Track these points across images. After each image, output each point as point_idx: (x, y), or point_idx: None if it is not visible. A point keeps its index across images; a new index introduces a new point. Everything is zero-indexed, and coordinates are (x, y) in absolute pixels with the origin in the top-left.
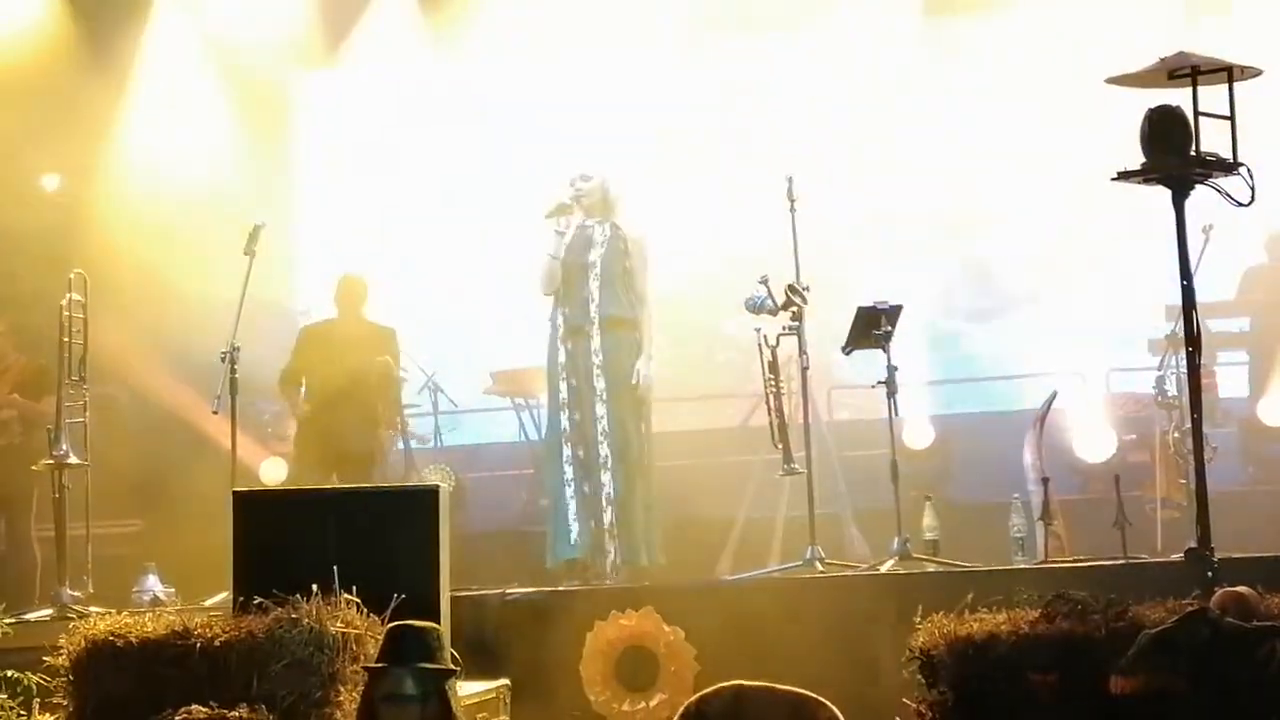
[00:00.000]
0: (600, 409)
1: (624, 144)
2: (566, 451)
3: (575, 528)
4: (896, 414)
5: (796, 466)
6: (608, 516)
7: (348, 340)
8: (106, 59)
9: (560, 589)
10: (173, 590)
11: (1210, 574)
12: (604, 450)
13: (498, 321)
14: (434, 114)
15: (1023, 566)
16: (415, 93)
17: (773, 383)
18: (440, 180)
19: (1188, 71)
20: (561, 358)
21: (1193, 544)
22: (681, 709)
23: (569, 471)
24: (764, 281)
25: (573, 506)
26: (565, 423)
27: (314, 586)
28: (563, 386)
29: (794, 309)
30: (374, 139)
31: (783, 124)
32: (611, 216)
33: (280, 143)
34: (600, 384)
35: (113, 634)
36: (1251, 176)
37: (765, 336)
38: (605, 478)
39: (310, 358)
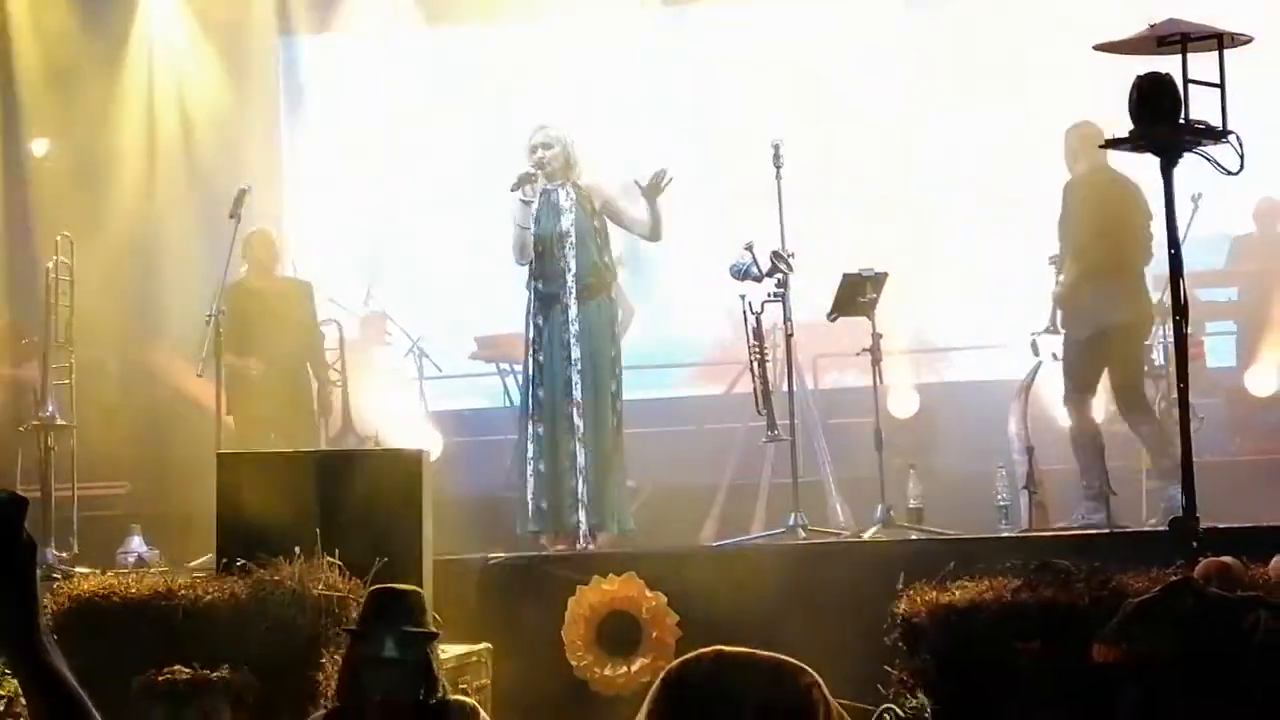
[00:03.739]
0: (575, 378)
1: (607, 106)
2: (530, 429)
3: (531, 505)
4: (881, 382)
5: (780, 433)
6: (579, 487)
7: (267, 297)
8: (96, 22)
9: (543, 553)
10: (157, 552)
11: (1195, 544)
12: (576, 420)
13: (482, 286)
14: (421, 79)
15: (1006, 535)
16: (402, 58)
17: (757, 349)
18: (426, 145)
19: (1177, 38)
20: (532, 333)
21: (1178, 514)
22: (662, 674)
23: (531, 450)
24: (749, 248)
25: (532, 484)
26: (532, 400)
27: (296, 549)
28: (531, 362)
29: (779, 276)
30: (361, 104)
31: (770, 88)
32: (572, 177)
33: (268, 107)
34: (576, 353)
35: (97, 594)
36: (1241, 145)
37: (750, 303)
38: (576, 448)
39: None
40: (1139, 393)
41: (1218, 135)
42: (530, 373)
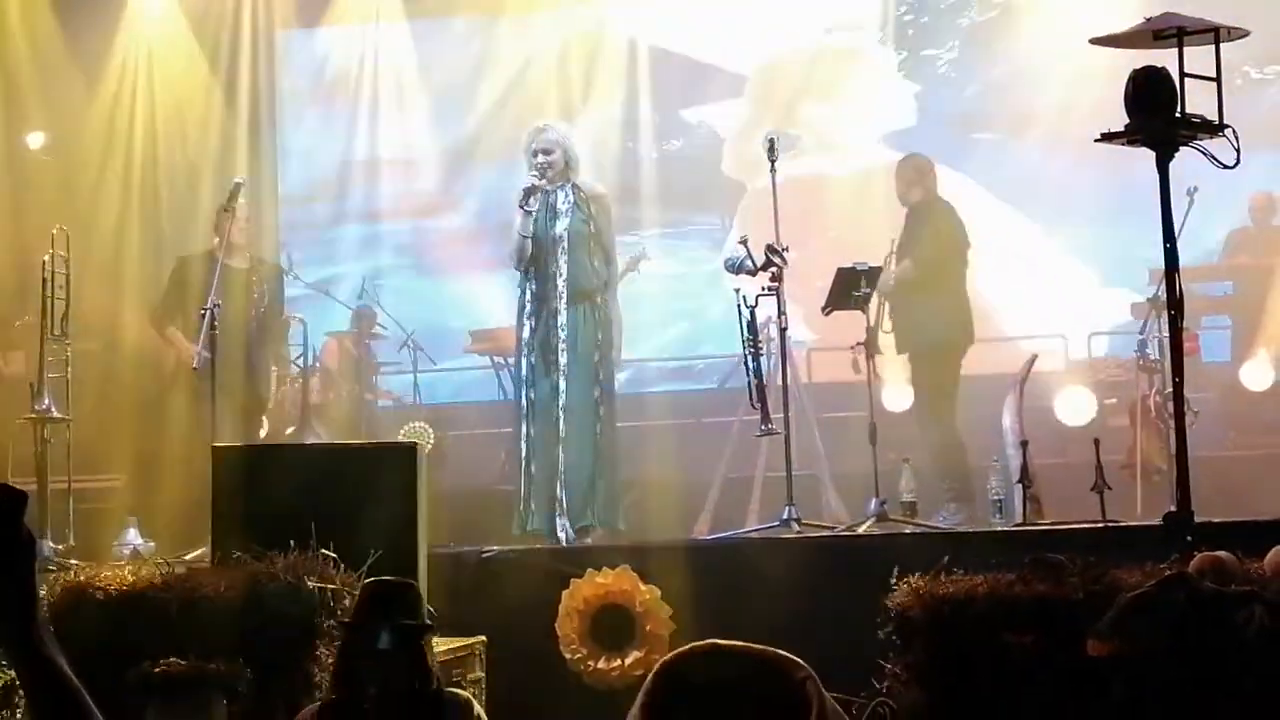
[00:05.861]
0: (562, 383)
1: (601, 96)
2: (524, 429)
3: (523, 507)
4: (875, 376)
5: (774, 427)
6: (560, 493)
7: (236, 274)
8: (89, 15)
9: (537, 547)
10: (152, 544)
11: (1189, 538)
12: (562, 425)
13: (477, 280)
14: (414, 71)
15: (1000, 529)
16: (393, 50)
17: (751, 343)
18: (420, 137)
19: (1173, 32)
20: (525, 333)
21: (1172, 508)
22: (656, 667)
23: (524, 450)
24: (743, 242)
25: (524, 486)
26: (524, 400)
27: (291, 542)
28: (524, 363)
29: (773, 270)
30: (354, 96)
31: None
32: (571, 178)
33: (261, 101)
34: (565, 358)
35: (93, 586)
36: (1237, 139)
37: (744, 297)
38: (559, 452)
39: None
40: (952, 402)
41: (1214, 129)
42: (523, 373)
